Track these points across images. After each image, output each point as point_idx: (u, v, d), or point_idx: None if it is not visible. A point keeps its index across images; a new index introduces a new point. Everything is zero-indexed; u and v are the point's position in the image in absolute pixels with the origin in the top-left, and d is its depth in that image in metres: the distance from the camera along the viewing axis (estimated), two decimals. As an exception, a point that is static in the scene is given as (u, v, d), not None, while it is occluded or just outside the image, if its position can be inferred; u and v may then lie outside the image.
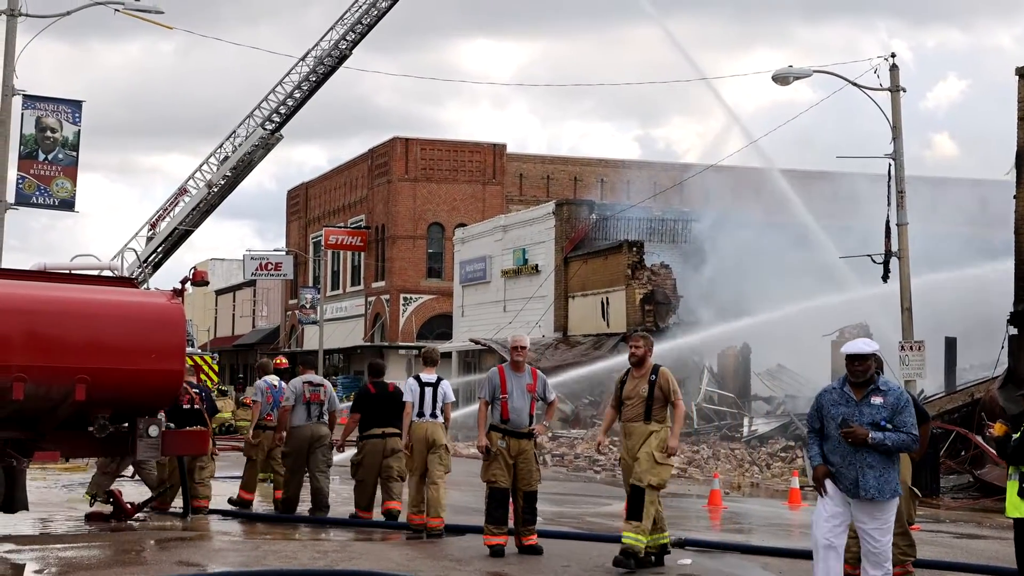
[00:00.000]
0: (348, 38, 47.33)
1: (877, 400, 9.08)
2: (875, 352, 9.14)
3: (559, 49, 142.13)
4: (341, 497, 17.27)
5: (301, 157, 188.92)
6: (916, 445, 9.16)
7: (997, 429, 11.13)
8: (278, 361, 18.61)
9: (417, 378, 14.01)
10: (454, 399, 14.48)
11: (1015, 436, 10.31)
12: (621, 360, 36.51)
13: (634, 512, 11.51)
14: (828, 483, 9.13)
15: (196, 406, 14.99)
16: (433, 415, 13.79)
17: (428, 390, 13.85)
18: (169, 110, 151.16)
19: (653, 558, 11.83)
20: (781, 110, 66.53)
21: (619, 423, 12.16)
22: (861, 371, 9.09)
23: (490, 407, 12.82)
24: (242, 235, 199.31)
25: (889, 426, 8.99)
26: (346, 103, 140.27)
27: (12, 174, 29.25)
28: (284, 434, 15.90)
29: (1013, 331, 23.94)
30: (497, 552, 12.45)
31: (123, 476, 16.93)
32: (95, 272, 17.37)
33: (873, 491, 8.98)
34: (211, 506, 16.28)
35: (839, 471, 9.08)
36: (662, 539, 11.92)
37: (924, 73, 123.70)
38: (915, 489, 11.28)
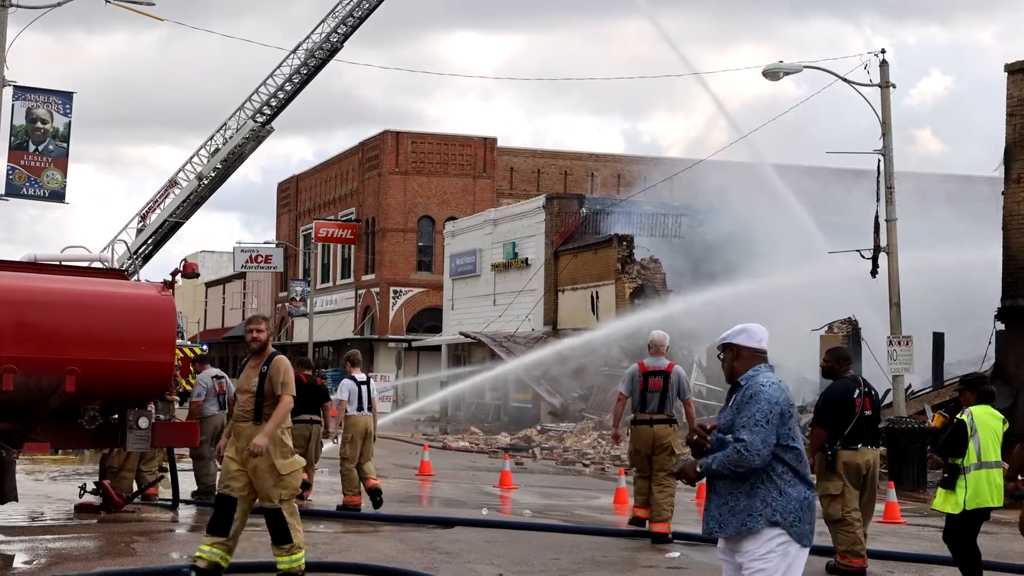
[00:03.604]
0: (339, 31, 47.34)
1: (733, 399, 6.61)
2: (737, 343, 6.61)
3: (545, 42, 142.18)
4: (333, 488, 17.37)
5: (287, 150, 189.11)
6: (750, 461, 6.28)
7: (936, 421, 11.39)
8: None
9: (352, 378, 16.04)
10: (377, 395, 16.78)
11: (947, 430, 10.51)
12: (587, 339, 36.68)
13: (279, 537, 9.98)
14: None
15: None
16: (369, 409, 15.98)
17: (363, 388, 16.01)
18: (155, 102, 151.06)
19: None
20: (766, 105, 66.53)
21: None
22: (723, 361, 6.73)
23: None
24: (230, 227, 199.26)
25: (729, 437, 6.45)
26: (332, 96, 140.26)
27: (2, 165, 29.24)
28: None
29: (1000, 327, 24.03)
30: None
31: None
32: (85, 264, 17.36)
33: (713, 524, 6.51)
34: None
35: None
36: (223, 560, 9.87)
37: (906, 69, 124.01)
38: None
